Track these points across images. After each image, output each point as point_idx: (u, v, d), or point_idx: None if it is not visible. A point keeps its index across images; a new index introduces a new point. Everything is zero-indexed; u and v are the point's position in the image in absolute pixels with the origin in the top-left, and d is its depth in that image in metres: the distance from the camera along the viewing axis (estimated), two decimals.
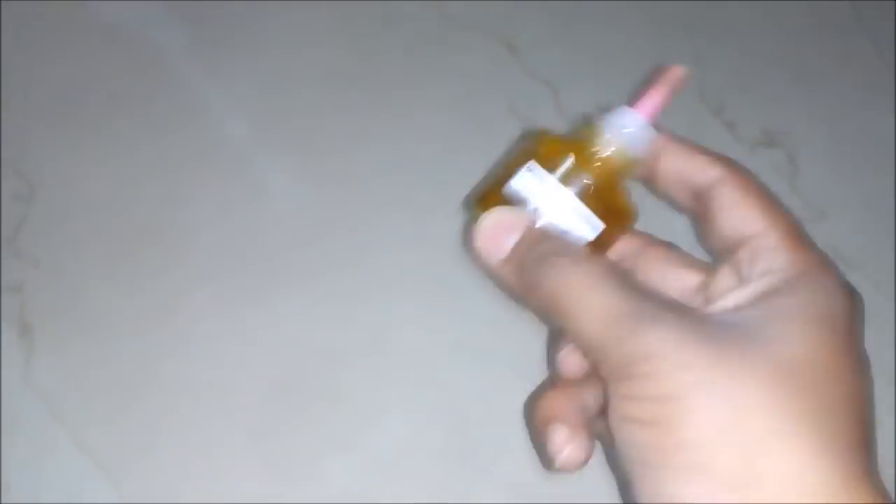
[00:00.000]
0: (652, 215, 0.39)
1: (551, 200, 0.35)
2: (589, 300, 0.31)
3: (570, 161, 0.35)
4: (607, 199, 0.36)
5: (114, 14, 0.63)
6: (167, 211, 0.57)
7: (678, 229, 0.41)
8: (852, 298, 0.32)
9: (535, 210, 0.35)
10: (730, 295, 0.33)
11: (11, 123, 0.59)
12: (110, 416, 0.51)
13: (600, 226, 0.35)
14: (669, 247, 0.39)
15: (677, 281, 0.37)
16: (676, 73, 0.36)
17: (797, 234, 0.33)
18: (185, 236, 0.56)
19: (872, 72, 0.66)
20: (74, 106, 0.60)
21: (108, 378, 0.52)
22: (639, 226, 0.40)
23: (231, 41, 0.63)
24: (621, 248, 0.39)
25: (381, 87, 0.62)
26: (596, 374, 0.33)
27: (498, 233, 0.35)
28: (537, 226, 0.35)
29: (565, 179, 0.35)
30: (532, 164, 0.36)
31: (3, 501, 0.49)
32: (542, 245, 0.34)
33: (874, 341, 0.55)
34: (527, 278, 0.34)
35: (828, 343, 0.29)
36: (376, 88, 0.62)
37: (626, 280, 0.32)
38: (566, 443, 0.35)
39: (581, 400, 0.36)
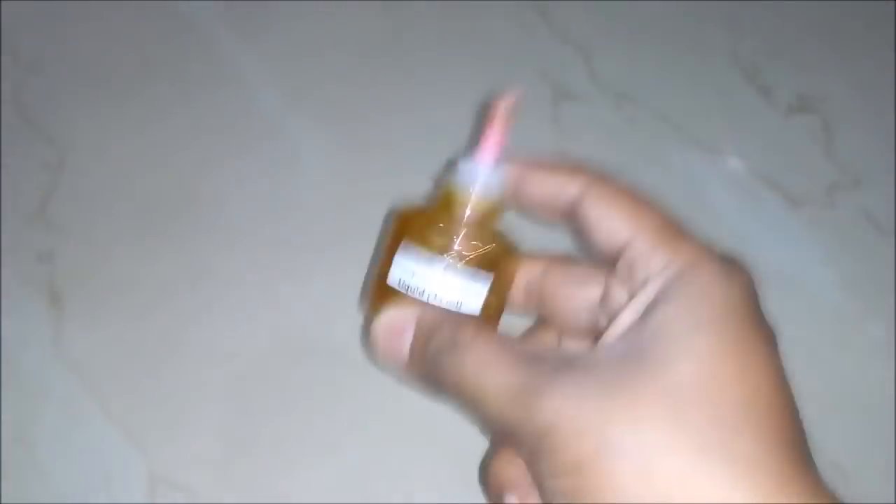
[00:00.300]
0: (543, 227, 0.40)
1: (431, 280, 0.35)
2: (485, 387, 0.31)
3: (435, 233, 0.36)
4: (485, 249, 0.36)
5: None
6: (198, 178, 0.56)
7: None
8: (734, 278, 0.31)
9: (422, 293, 0.35)
10: (621, 315, 0.32)
11: (42, 91, 0.58)
12: (140, 384, 0.51)
13: (488, 278, 0.36)
14: (569, 262, 0.39)
15: (582, 297, 0.37)
16: (504, 106, 0.37)
17: (667, 231, 0.33)
18: (215, 203, 0.56)
19: None
20: (104, 73, 0.59)
21: (137, 347, 0.52)
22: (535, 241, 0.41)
23: (264, 7, 0.62)
24: (523, 276, 0.39)
25: (414, 53, 0.62)
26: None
27: (392, 336, 0.35)
28: (425, 314, 0.34)
29: (438, 252, 0.35)
30: (401, 250, 0.36)
31: (32, 470, 0.49)
32: (432, 340, 0.33)
33: None
34: (429, 378, 0.34)
35: (712, 349, 0.29)
36: (409, 55, 0.61)
37: (513, 352, 0.31)
38: None
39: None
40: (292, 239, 0.55)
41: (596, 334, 0.37)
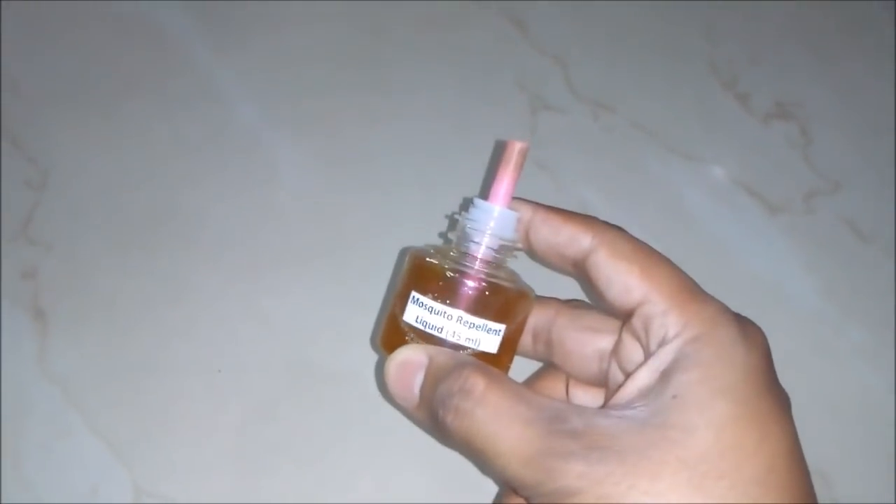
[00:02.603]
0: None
1: (445, 324, 0.36)
2: (500, 444, 0.32)
3: (448, 278, 0.36)
4: (498, 296, 0.37)
5: None
6: (179, 193, 0.58)
7: None
8: (750, 343, 0.33)
9: (439, 330, 0.36)
10: (636, 375, 0.33)
11: (23, 111, 0.60)
12: (124, 399, 0.52)
13: (501, 328, 0.37)
14: (579, 309, 0.40)
15: (592, 347, 0.39)
16: (516, 149, 0.37)
17: (683, 291, 0.34)
18: (196, 218, 0.57)
19: (887, 40, 0.66)
20: (83, 92, 0.61)
21: (121, 362, 0.53)
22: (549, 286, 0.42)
23: (240, 22, 0.63)
24: (534, 321, 0.40)
25: (391, 64, 0.62)
26: None
27: (404, 376, 0.35)
28: (437, 356, 0.35)
29: (451, 298, 0.36)
30: (414, 294, 0.37)
31: (18, 483, 0.50)
32: (440, 386, 0.34)
33: (889, 315, 0.57)
34: (438, 425, 0.34)
35: (732, 418, 0.30)
36: (385, 66, 0.62)
37: (529, 408, 0.32)
38: None
39: None
40: (272, 252, 0.56)
41: (604, 384, 0.39)
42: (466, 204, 0.39)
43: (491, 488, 0.51)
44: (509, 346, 0.38)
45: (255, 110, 0.61)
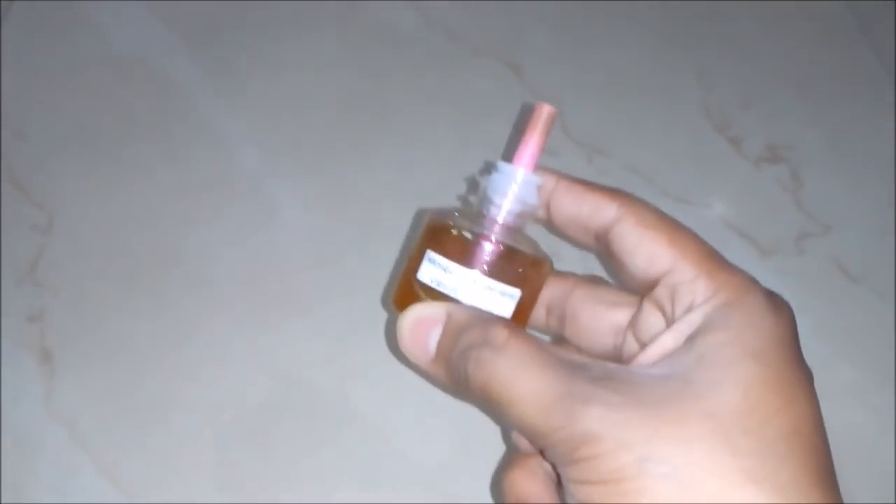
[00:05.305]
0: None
1: (461, 285, 0.36)
2: (519, 390, 0.31)
3: (466, 239, 0.36)
4: (515, 260, 0.37)
5: (127, 44, 0.67)
6: (182, 236, 0.60)
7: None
8: (780, 312, 0.33)
9: (454, 291, 0.36)
10: (659, 339, 0.34)
11: (28, 155, 0.62)
12: (131, 440, 0.54)
13: (516, 293, 0.36)
14: (596, 283, 0.40)
15: (608, 320, 0.39)
16: (544, 112, 0.38)
17: (711, 259, 0.35)
18: (200, 261, 0.59)
19: (877, 84, 0.69)
20: (89, 136, 0.63)
21: (127, 403, 0.55)
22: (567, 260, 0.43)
23: (241, 67, 0.66)
24: (549, 294, 0.40)
25: (390, 109, 0.65)
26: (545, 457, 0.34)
27: (419, 332, 0.36)
28: (457, 310, 0.35)
29: (467, 259, 0.36)
30: (430, 253, 0.37)
31: None
32: (462, 338, 0.34)
33: (879, 354, 0.59)
34: (456, 376, 0.34)
35: (760, 379, 0.31)
36: (384, 111, 0.65)
37: (550, 357, 0.32)
38: None
39: (544, 471, 0.38)
40: (274, 294, 0.58)
41: (618, 359, 0.38)
42: (489, 167, 0.38)
43: None
44: (523, 312, 0.38)
45: (258, 154, 0.63)
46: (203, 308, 0.59)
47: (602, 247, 0.38)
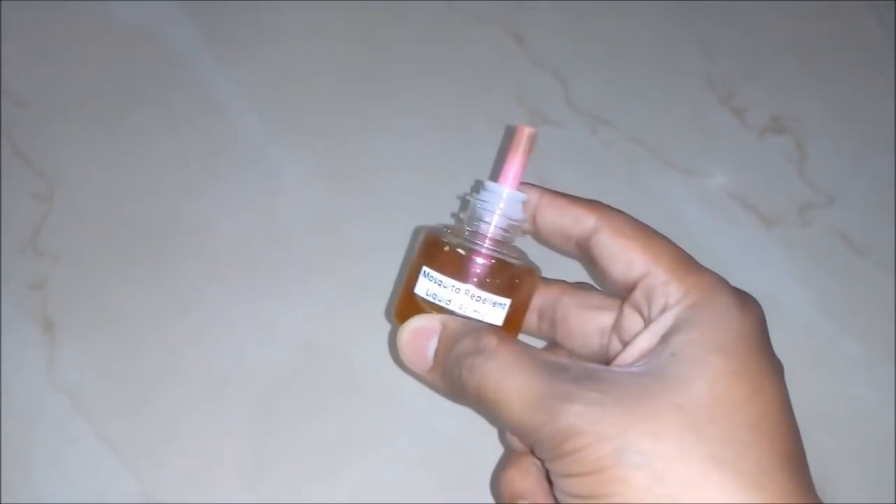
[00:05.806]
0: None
1: (455, 297, 0.39)
2: (507, 391, 0.35)
3: (459, 254, 0.40)
4: (505, 272, 0.40)
5: (128, 13, 0.67)
6: (184, 205, 0.60)
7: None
8: (747, 309, 0.36)
9: (448, 302, 0.40)
10: (637, 340, 0.37)
11: (30, 125, 0.62)
12: (132, 408, 0.55)
13: (506, 302, 0.40)
14: (583, 289, 0.44)
15: (594, 323, 0.42)
16: (524, 134, 0.41)
17: (681, 262, 0.38)
18: (201, 230, 0.60)
19: (882, 55, 0.69)
20: (90, 105, 0.63)
21: (129, 371, 0.56)
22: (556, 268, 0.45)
23: (243, 36, 0.66)
24: (540, 300, 0.44)
25: (392, 79, 0.65)
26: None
27: (417, 343, 0.39)
28: (451, 321, 0.39)
29: (461, 273, 0.39)
30: (425, 269, 0.40)
31: (27, 492, 0.53)
32: (456, 347, 0.37)
33: (884, 327, 0.59)
34: (452, 382, 0.38)
35: (726, 372, 0.33)
36: (387, 81, 0.65)
37: (535, 360, 0.35)
38: None
39: (536, 470, 0.41)
40: (276, 262, 0.59)
41: (605, 359, 0.42)
42: (477, 186, 0.42)
43: None
44: (515, 319, 0.41)
45: (259, 123, 0.63)
46: (204, 276, 0.59)
47: (584, 254, 0.41)
